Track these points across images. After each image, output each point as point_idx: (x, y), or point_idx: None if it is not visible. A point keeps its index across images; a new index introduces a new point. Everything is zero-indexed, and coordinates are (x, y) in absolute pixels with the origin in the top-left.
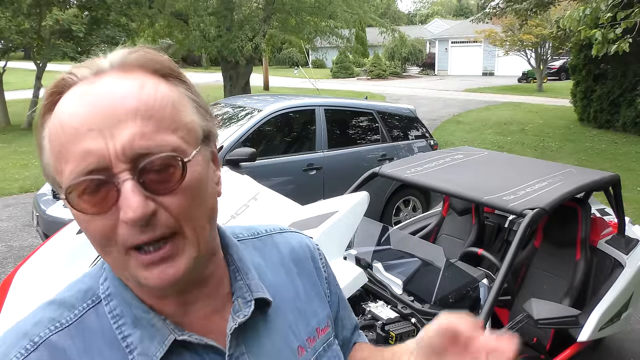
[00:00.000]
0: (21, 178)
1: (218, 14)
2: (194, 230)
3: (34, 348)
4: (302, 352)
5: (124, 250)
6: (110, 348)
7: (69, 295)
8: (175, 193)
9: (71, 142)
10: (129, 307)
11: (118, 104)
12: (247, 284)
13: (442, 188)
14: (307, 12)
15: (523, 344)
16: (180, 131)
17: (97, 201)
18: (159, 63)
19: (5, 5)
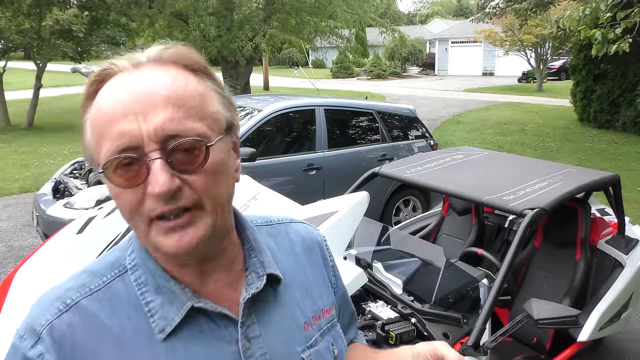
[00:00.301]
0: (21, 178)
1: (218, 14)
2: (213, 205)
3: (66, 309)
4: (308, 327)
5: (147, 220)
6: (135, 312)
7: (98, 266)
8: (199, 173)
9: (109, 124)
10: (152, 276)
11: (153, 92)
12: (261, 260)
13: (442, 188)
14: (307, 12)
15: (523, 344)
16: (206, 120)
17: (129, 176)
18: (190, 59)
19: (5, 5)
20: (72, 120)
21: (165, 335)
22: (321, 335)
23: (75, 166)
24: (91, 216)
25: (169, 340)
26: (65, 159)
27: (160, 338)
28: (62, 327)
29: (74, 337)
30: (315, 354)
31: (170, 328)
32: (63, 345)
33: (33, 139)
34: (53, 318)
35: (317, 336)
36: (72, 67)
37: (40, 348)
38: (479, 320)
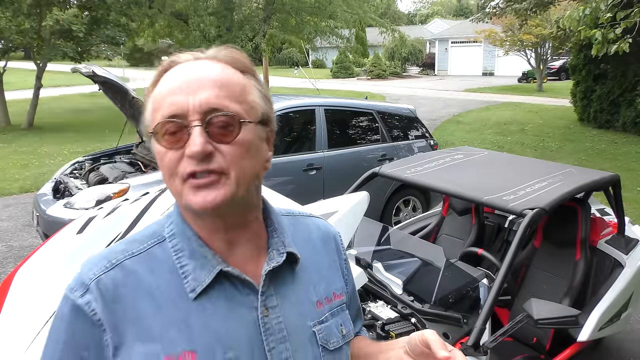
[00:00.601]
0: (21, 178)
1: (218, 14)
2: (238, 175)
3: (112, 267)
4: (320, 305)
5: (182, 179)
6: (170, 273)
7: (139, 236)
8: (230, 145)
9: (165, 98)
10: (188, 242)
11: (204, 75)
12: (282, 240)
13: (442, 188)
14: (307, 12)
15: (523, 344)
16: (244, 105)
17: (173, 140)
18: (239, 61)
19: (5, 5)
20: (72, 120)
21: (195, 294)
22: (331, 315)
23: (75, 166)
24: (91, 216)
25: (199, 299)
26: (65, 159)
27: (192, 297)
28: (108, 281)
29: (117, 290)
30: (325, 329)
31: (200, 288)
32: (107, 297)
33: (33, 139)
34: (100, 273)
35: (327, 315)
36: (72, 67)
37: (89, 297)
38: (479, 320)
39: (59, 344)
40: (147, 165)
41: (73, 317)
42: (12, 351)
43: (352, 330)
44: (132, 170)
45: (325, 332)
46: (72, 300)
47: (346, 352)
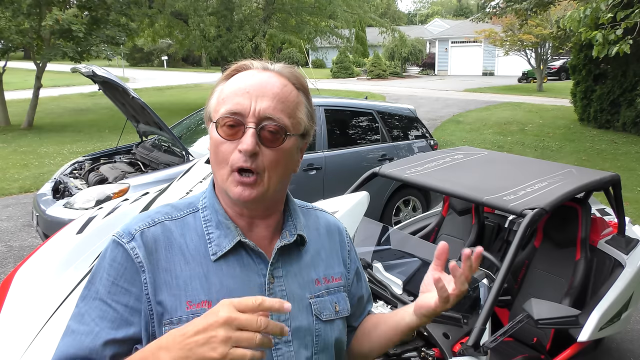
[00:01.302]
0: (21, 178)
1: (218, 14)
2: (269, 178)
3: (154, 224)
4: (318, 283)
5: (230, 169)
6: (198, 237)
7: (179, 204)
8: (273, 150)
9: (232, 95)
10: (215, 214)
11: (269, 87)
12: (295, 224)
13: (442, 188)
14: (307, 12)
15: (523, 344)
16: (293, 119)
17: (231, 132)
18: (297, 79)
19: (5, 5)
20: (72, 120)
21: (216, 257)
22: (327, 293)
23: (75, 166)
24: (91, 216)
25: (219, 262)
26: (65, 159)
27: (213, 259)
28: (149, 234)
29: (156, 243)
30: (319, 303)
31: (221, 253)
32: (148, 246)
33: (33, 139)
34: (144, 227)
35: (323, 291)
36: (72, 67)
37: (134, 244)
38: (479, 320)
39: (109, 277)
40: (147, 165)
41: (122, 258)
42: (12, 351)
43: (347, 309)
44: (132, 170)
45: (320, 305)
46: (119, 244)
47: (338, 326)
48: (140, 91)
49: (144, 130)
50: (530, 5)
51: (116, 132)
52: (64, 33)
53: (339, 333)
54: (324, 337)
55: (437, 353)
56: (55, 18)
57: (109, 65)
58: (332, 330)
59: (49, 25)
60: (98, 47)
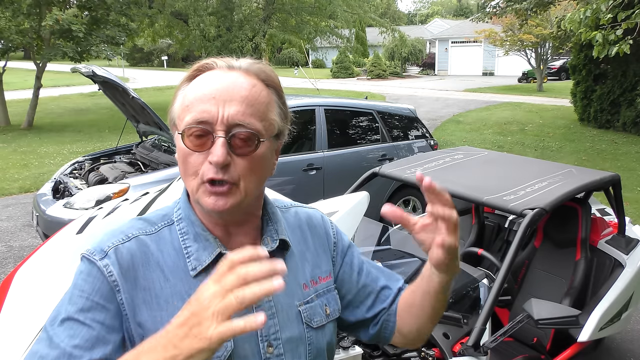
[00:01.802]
0: (21, 178)
1: (218, 13)
2: (245, 186)
3: (128, 239)
4: (306, 288)
5: (201, 181)
6: (176, 252)
7: (153, 217)
8: (246, 158)
9: (197, 101)
10: (192, 226)
11: (236, 89)
12: (276, 229)
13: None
14: (307, 12)
15: (523, 344)
16: (265, 122)
17: (198, 143)
18: (268, 77)
19: (5, 5)
20: (72, 120)
21: (196, 272)
22: (317, 296)
23: (75, 166)
24: (91, 216)
25: (200, 276)
26: (65, 159)
27: (192, 274)
28: (124, 250)
29: (132, 259)
30: (309, 309)
31: (200, 267)
32: (124, 264)
33: (33, 139)
34: (118, 243)
35: (313, 296)
36: (72, 67)
37: (107, 261)
38: (479, 320)
39: (82, 294)
40: (147, 165)
41: (95, 275)
42: (12, 351)
43: (337, 309)
44: (132, 170)
45: (310, 311)
46: (91, 262)
47: (329, 329)
48: (140, 91)
49: (144, 130)
50: (530, 5)
51: (116, 132)
52: (64, 33)
53: (330, 336)
54: (317, 345)
55: (437, 353)
56: (55, 18)
57: (109, 65)
58: (324, 336)
59: (49, 25)
60: (98, 47)
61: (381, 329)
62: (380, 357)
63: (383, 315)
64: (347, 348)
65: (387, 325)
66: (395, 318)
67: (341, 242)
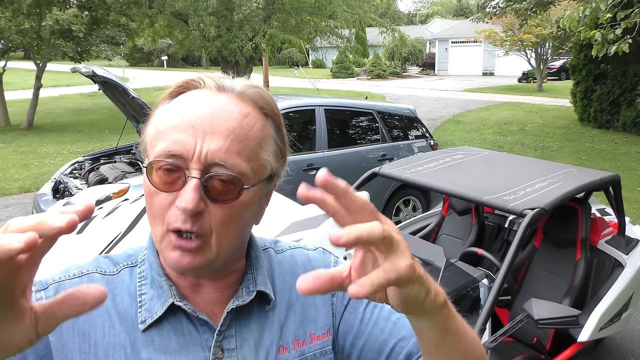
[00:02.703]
0: (21, 178)
1: (218, 13)
2: (218, 242)
3: (79, 276)
4: (284, 351)
5: (166, 229)
6: (130, 298)
7: (119, 256)
8: (224, 207)
9: (172, 128)
10: (150, 270)
11: (222, 119)
12: (254, 277)
13: (442, 188)
14: (307, 12)
15: (523, 344)
16: (254, 163)
17: (167, 180)
18: (267, 104)
19: (5, 5)
20: (72, 120)
21: (145, 326)
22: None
23: (75, 166)
24: (91, 216)
25: (149, 331)
26: (65, 159)
27: (141, 328)
28: (68, 287)
29: None
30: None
31: (150, 320)
32: None
33: (33, 139)
34: (65, 279)
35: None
36: (72, 67)
37: (42, 294)
38: (479, 320)
39: None
40: None
41: None
42: None
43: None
44: (132, 170)
45: None
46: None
47: None
48: (140, 91)
49: None
50: (530, 5)
51: (116, 132)
52: (64, 33)
53: None
54: None
55: None
56: (55, 18)
57: (109, 65)
58: None
59: (49, 25)
60: (98, 47)
61: None
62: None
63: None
64: None
65: None
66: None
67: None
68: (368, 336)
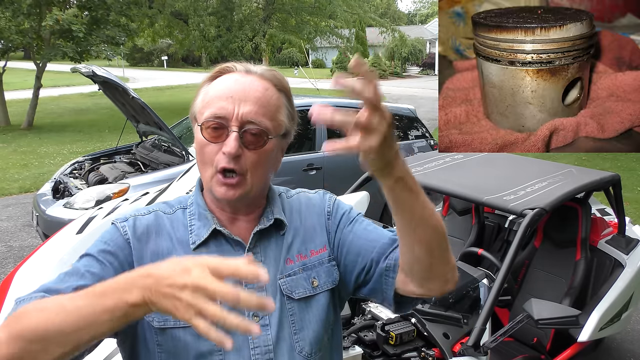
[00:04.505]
0: (21, 178)
1: (218, 14)
2: (253, 178)
3: (148, 212)
4: (290, 262)
5: (215, 170)
6: (184, 229)
7: (173, 201)
8: (255, 152)
9: (217, 98)
10: (198, 208)
11: (252, 91)
12: (272, 209)
13: (442, 188)
14: (307, 12)
15: (523, 344)
16: (274, 122)
17: (215, 135)
18: (280, 82)
19: (5, 5)
20: (72, 120)
21: (195, 246)
22: (303, 269)
23: (75, 166)
24: (91, 216)
25: (199, 249)
26: (65, 159)
27: (192, 247)
28: (143, 220)
29: (147, 228)
30: (289, 282)
31: (199, 241)
32: (138, 231)
33: (33, 139)
34: (139, 214)
35: (297, 269)
36: (72, 67)
37: (125, 224)
38: (479, 320)
39: (102, 240)
40: (147, 165)
41: (114, 232)
42: None
43: (331, 280)
44: (132, 170)
45: (290, 283)
46: (114, 224)
47: (319, 302)
48: (140, 91)
49: (144, 130)
50: None
51: (116, 132)
52: (64, 33)
53: (319, 309)
54: (300, 316)
55: (437, 353)
56: (55, 18)
57: (109, 65)
58: (309, 307)
59: (49, 26)
60: (98, 47)
61: (383, 276)
62: (381, 357)
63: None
64: (347, 348)
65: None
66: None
67: (337, 211)
68: (350, 244)
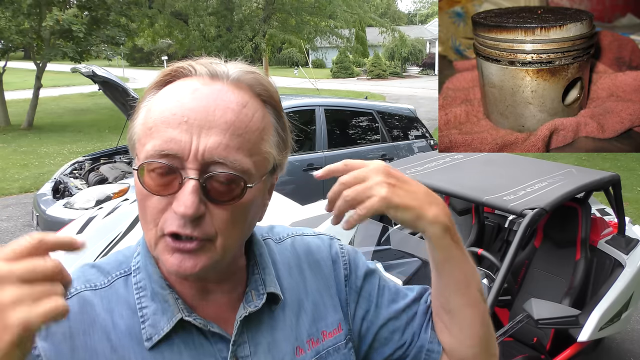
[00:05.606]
0: (21, 178)
1: (218, 14)
2: (225, 242)
3: (69, 297)
4: (301, 352)
5: (161, 232)
6: (131, 313)
7: (107, 264)
8: (226, 208)
9: (164, 124)
10: (150, 282)
11: (219, 111)
12: (263, 278)
13: (442, 188)
14: (307, 12)
15: (523, 344)
16: (256, 157)
17: (161, 183)
18: (265, 90)
19: (5, 5)
20: (72, 120)
21: (152, 344)
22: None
23: (75, 166)
24: (91, 216)
25: (158, 348)
26: (65, 159)
27: (147, 346)
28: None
29: (69, 326)
30: None
31: (157, 337)
32: (56, 335)
33: (33, 139)
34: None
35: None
36: (72, 67)
37: (37, 346)
38: None
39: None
40: None
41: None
42: None
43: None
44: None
45: None
46: None
47: None
48: (140, 91)
49: None
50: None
51: (116, 132)
52: (64, 33)
53: None
54: None
55: None
56: (56, 18)
57: (109, 65)
58: None
59: (49, 26)
60: (98, 47)
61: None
62: None
63: (416, 339)
64: None
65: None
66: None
67: (355, 274)
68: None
